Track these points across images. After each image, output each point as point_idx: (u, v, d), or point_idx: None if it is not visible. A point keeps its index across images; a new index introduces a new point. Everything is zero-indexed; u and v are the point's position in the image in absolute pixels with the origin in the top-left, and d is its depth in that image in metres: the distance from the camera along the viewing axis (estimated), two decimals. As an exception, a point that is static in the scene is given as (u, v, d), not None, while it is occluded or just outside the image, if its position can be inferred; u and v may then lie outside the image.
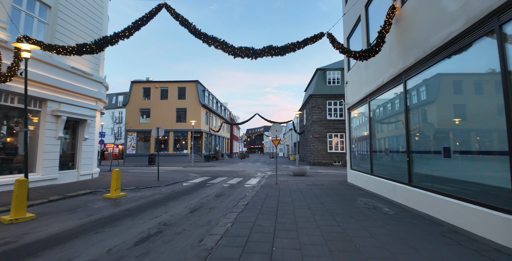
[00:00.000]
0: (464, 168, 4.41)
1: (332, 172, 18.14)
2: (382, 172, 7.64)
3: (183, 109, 27.10)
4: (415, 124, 5.88)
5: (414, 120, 5.91)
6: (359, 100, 9.45)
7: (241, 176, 14.87)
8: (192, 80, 27.12)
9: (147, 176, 13.91)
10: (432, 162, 5.31)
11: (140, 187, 9.90)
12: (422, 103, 5.71)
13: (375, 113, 8.24)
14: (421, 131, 5.68)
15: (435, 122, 5.21)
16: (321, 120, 24.50)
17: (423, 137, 5.62)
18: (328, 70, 25.47)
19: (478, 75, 4.16)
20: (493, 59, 3.69)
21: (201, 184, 11.10)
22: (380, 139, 7.94)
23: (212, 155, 31.46)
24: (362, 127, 9.60)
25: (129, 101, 27.62)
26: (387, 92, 7.31)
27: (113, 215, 5.66)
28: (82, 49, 7.39)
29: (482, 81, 4.07)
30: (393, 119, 7.05)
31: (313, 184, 10.56)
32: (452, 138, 4.75)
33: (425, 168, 5.52)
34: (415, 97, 5.95)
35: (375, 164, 8.18)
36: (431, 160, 5.31)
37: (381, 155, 7.83)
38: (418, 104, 5.86)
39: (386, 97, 7.40)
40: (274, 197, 7.45)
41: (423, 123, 5.61)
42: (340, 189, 9.08)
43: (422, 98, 5.72)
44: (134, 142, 27.34)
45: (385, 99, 7.48)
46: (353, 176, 10.15)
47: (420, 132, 5.72)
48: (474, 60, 4.14)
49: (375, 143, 8.24)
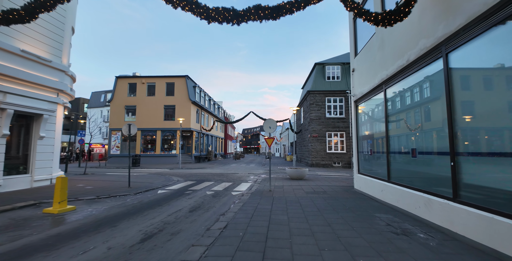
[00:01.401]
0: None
1: (333, 174, 16.40)
2: (406, 180, 5.88)
3: (172, 107, 25.17)
4: (465, 114, 4.12)
5: (464, 109, 4.16)
6: (370, 90, 7.69)
7: (231, 179, 13.05)
8: (181, 75, 25.19)
9: (121, 180, 12.02)
10: (496, 169, 3.56)
11: (102, 196, 8.04)
12: (477, 84, 3.96)
13: (394, 104, 6.49)
14: (476, 124, 3.93)
15: (505, 110, 3.46)
16: (320, 118, 22.78)
17: (480, 132, 3.87)
18: (328, 65, 23.76)
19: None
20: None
21: (180, 192, 9.27)
22: (401, 136, 6.19)
23: (204, 156, 29.58)
24: (374, 123, 7.85)
25: (113, 98, 25.62)
26: (413, 74, 5.56)
27: (26, 247, 3.81)
28: (8, 17, 5.54)
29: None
30: (423, 110, 5.29)
31: (313, 191, 8.79)
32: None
33: (483, 177, 3.77)
34: (463, 77, 4.20)
35: (395, 169, 6.42)
36: (497, 166, 3.56)
37: (403, 157, 6.08)
38: (468, 84, 4.10)
39: (412, 81, 5.65)
40: (265, 213, 5.65)
41: (482, 113, 3.86)
42: (348, 199, 7.32)
43: (478, 78, 3.97)
44: (119, 141, 25.36)
45: (410, 84, 5.73)
46: (361, 181, 8.40)
47: (474, 125, 3.96)
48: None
49: (394, 142, 6.49)
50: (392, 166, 6.51)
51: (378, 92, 7.32)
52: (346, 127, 22.45)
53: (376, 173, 7.47)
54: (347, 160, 22.22)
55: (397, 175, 6.29)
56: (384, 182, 6.72)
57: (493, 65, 3.62)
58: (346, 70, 23.74)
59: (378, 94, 7.37)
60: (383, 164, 6.92)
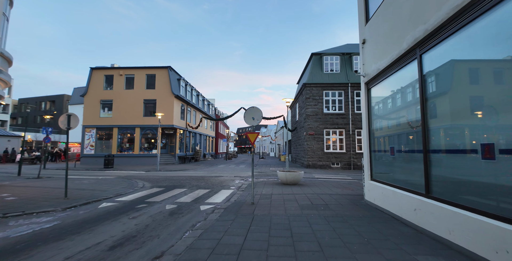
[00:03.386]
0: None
1: (332, 177, 14.11)
2: (468, 198, 3.54)
3: (153, 101, 22.59)
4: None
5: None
6: (393, 61, 5.36)
7: (210, 185, 10.65)
8: (163, 66, 22.62)
9: (71, 187, 9.53)
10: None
11: (10, 214, 5.59)
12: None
13: (440, 77, 4.16)
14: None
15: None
16: (317, 114, 20.49)
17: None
18: (325, 55, 21.48)
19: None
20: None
21: (130, 205, 6.84)
22: (454, 127, 3.86)
23: (191, 156, 27.05)
24: (398, 111, 5.52)
25: (87, 91, 22.95)
26: (476, 21, 3.23)
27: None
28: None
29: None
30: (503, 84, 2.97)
31: (311, 204, 6.45)
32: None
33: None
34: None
35: (442, 177, 4.08)
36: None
37: (460, 159, 3.74)
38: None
39: (475, 33, 3.32)
40: (230, 256, 3.27)
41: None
42: (363, 221, 4.98)
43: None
44: (93, 140, 22.70)
45: (472, 40, 3.40)
46: (377, 192, 6.07)
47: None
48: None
49: (438, 136, 4.16)
50: (436, 172, 4.18)
51: (406, 63, 4.99)
52: (346, 124, 20.20)
53: (404, 181, 5.14)
54: (347, 160, 19.99)
55: (447, 187, 3.96)
56: (420, 197, 4.39)
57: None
58: (346, 62, 21.49)
59: (406, 67, 5.03)
60: (417, 169, 4.59)
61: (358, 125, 20.11)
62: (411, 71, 4.85)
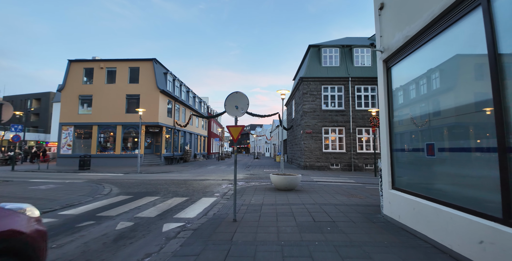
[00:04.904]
0: None
1: (333, 180, 12.48)
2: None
3: (136, 96, 20.69)
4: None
5: None
6: (434, 18, 3.70)
7: (190, 192, 8.91)
8: (148, 59, 20.72)
9: (16, 195, 7.71)
10: None
11: None
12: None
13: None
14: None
15: None
16: (315, 111, 18.88)
17: None
18: (324, 47, 19.88)
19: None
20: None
21: (72, 222, 5.07)
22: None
23: (179, 156, 25.19)
24: (440, 94, 3.87)
25: (65, 86, 20.97)
26: None
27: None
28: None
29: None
30: None
31: (313, 223, 4.77)
32: None
33: None
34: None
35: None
36: None
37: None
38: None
39: None
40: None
41: None
42: (393, 254, 3.30)
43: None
44: (71, 139, 20.74)
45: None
46: (404, 206, 4.40)
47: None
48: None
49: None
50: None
51: (458, 17, 3.33)
52: (346, 122, 18.62)
53: (456, 195, 3.48)
54: (347, 161, 18.41)
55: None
56: (493, 223, 2.73)
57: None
58: (346, 54, 19.92)
59: (457, 23, 3.38)
60: (485, 178, 2.94)
61: (359, 123, 18.55)
62: (468, 28, 3.19)
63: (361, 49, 19.64)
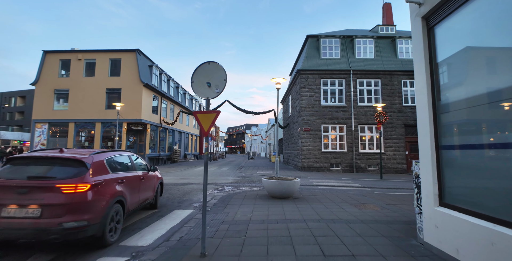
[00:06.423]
0: None
1: (335, 184, 10.86)
2: None
3: (117, 91, 18.81)
4: None
5: None
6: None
7: (161, 201, 7.16)
8: (130, 49, 18.90)
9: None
10: None
11: None
12: None
13: None
14: None
15: None
16: (313, 107, 17.25)
17: None
18: (323, 38, 18.27)
19: None
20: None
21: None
22: None
23: (166, 156, 23.35)
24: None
25: (39, 79, 19.00)
26: None
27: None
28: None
29: None
30: None
31: (322, 257, 3.08)
32: None
33: None
34: None
35: None
36: None
37: None
38: None
39: None
40: None
41: None
42: None
43: None
44: (45, 137, 18.80)
45: None
46: (472, 237, 2.73)
47: None
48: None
49: None
50: None
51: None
52: (347, 119, 17.03)
53: None
54: (348, 161, 16.81)
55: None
56: None
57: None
58: (347, 46, 18.34)
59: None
60: None
61: (362, 120, 16.97)
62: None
63: (363, 40, 18.08)
